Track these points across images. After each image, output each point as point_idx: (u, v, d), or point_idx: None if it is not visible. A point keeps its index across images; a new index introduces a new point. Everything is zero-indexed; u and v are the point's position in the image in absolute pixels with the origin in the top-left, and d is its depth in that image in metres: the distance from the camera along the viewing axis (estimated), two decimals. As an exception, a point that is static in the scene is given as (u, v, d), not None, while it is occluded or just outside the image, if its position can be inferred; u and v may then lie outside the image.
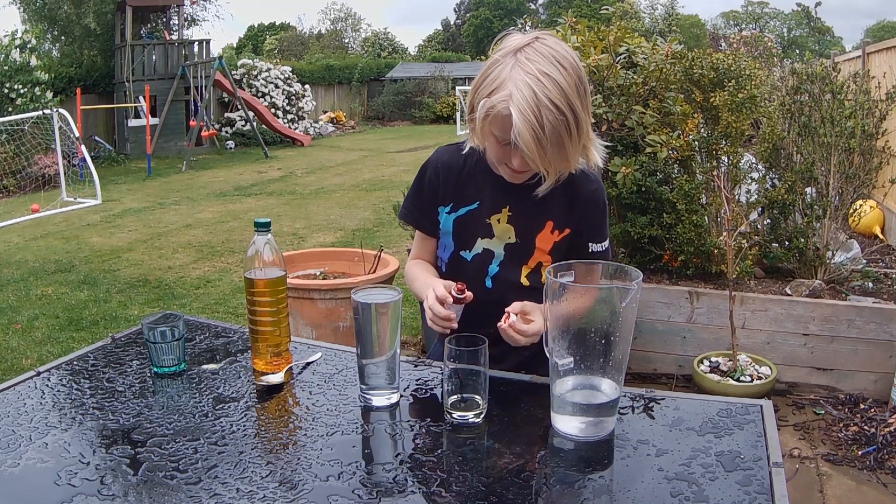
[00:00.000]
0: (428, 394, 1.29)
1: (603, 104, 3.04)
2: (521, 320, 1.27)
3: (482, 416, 1.17)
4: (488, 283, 1.44)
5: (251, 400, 1.26)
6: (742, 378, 2.96)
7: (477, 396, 1.17)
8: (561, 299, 1.08)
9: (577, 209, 1.42)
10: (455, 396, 1.17)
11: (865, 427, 2.81)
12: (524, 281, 1.43)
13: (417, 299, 1.48)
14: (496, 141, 1.28)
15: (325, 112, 21.44)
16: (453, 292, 1.29)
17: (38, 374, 1.36)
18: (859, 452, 2.66)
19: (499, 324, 1.27)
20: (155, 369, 1.36)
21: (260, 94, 17.94)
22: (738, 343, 3.06)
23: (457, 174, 1.45)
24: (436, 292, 1.30)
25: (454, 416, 1.17)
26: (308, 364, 1.41)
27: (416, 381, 1.33)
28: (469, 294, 1.30)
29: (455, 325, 1.30)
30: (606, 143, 1.40)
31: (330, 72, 22.69)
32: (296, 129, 18.04)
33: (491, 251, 1.43)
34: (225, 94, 16.51)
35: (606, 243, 1.45)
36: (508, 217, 1.42)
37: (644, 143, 3.13)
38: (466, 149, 1.43)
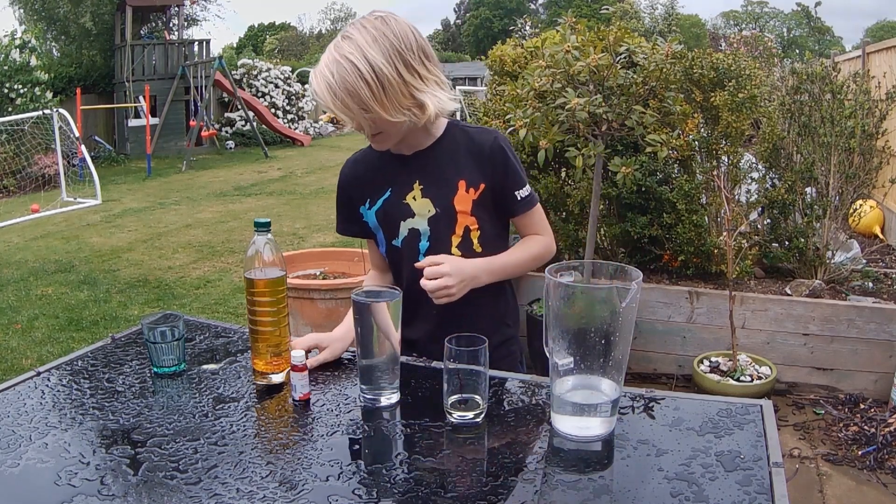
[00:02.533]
0: (428, 394, 1.28)
1: (603, 104, 3.03)
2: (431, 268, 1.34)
3: (482, 416, 1.17)
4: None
5: (251, 400, 1.26)
6: (742, 378, 2.96)
7: (477, 396, 1.17)
8: (561, 299, 1.08)
9: (486, 161, 1.44)
10: (455, 396, 1.17)
11: (865, 427, 2.81)
12: (455, 252, 1.45)
13: None
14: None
15: (325, 112, 21.40)
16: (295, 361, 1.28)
17: (38, 374, 1.36)
18: (859, 452, 2.66)
19: (421, 282, 1.34)
20: (155, 369, 1.36)
21: (260, 94, 17.94)
22: (738, 343, 3.06)
23: (363, 173, 1.51)
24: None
25: (454, 416, 1.16)
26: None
27: (416, 381, 1.33)
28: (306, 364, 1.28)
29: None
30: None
31: (330, 72, 22.65)
32: (296, 129, 18.04)
33: (417, 230, 1.45)
34: (225, 94, 16.51)
35: (528, 188, 1.47)
36: (422, 191, 1.44)
37: (644, 142, 3.12)
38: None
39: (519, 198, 1.45)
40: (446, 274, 1.33)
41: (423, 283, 1.34)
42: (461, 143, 1.44)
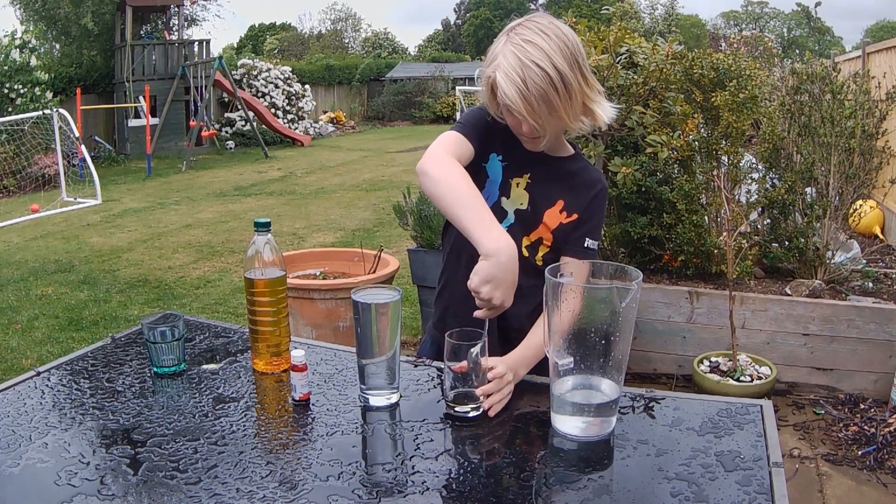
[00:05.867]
0: (428, 394, 1.29)
1: (603, 104, 3.04)
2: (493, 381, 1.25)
3: (481, 409, 1.18)
4: None
5: (251, 400, 1.26)
6: (742, 378, 2.95)
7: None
8: (561, 299, 1.08)
9: (590, 199, 1.47)
10: (456, 391, 1.18)
11: (865, 427, 2.81)
12: (522, 251, 1.44)
13: (457, 210, 1.27)
14: (505, 111, 1.34)
15: (325, 112, 21.44)
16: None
17: (38, 374, 1.36)
18: (859, 452, 2.66)
19: (486, 400, 1.23)
20: (155, 369, 1.36)
21: (260, 94, 17.94)
22: (737, 343, 3.06)
23: (509, 133, 1.45)
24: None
25: (455, 409, 1.17)
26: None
27: (416, 381, 1.33)
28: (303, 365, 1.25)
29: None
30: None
31: (330, 72, 22.69)
32: (296, 129, 18.03)
33: (505, 210, 1.46)
34: (225, 94, 16.51)
35: (597, 244, 1.50)
36: (527, 184, 1.46)
37: (644, 143, 3.13)
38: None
39: (586, 245, 1.46)
40: (509, 382, 1.26)
41: (489, 400, 1.22)
42: (577, 172, 1.48)
